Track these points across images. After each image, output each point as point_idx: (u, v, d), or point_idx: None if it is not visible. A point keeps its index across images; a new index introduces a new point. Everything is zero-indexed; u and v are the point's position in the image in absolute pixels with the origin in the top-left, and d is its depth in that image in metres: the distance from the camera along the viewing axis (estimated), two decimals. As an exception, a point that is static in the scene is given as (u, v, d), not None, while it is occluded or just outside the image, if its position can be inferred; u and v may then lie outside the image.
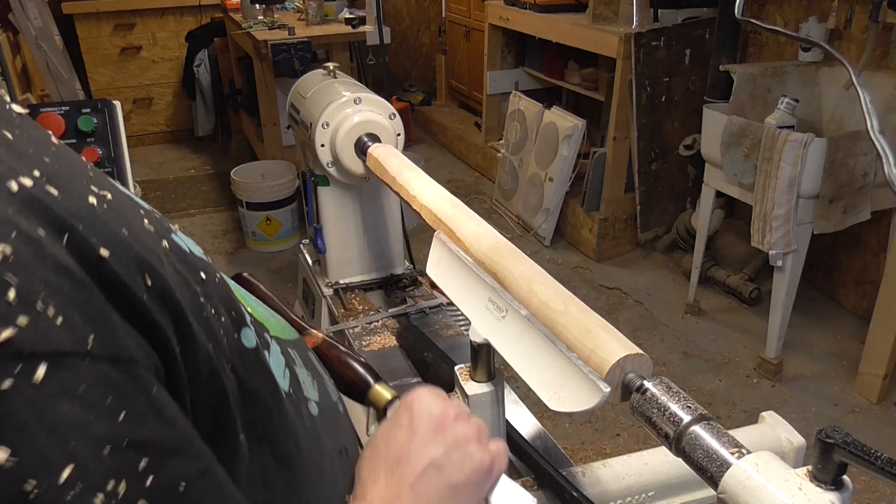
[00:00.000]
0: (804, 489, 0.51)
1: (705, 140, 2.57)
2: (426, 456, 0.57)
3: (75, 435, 0.35)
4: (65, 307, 0.36)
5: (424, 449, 0.57)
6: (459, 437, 0.59)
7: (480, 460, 0.59)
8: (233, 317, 0.50)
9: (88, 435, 0.35)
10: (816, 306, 2.86)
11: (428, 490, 0.55)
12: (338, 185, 1.61)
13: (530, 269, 0.82)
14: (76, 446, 0.35)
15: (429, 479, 0.56)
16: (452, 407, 0.62)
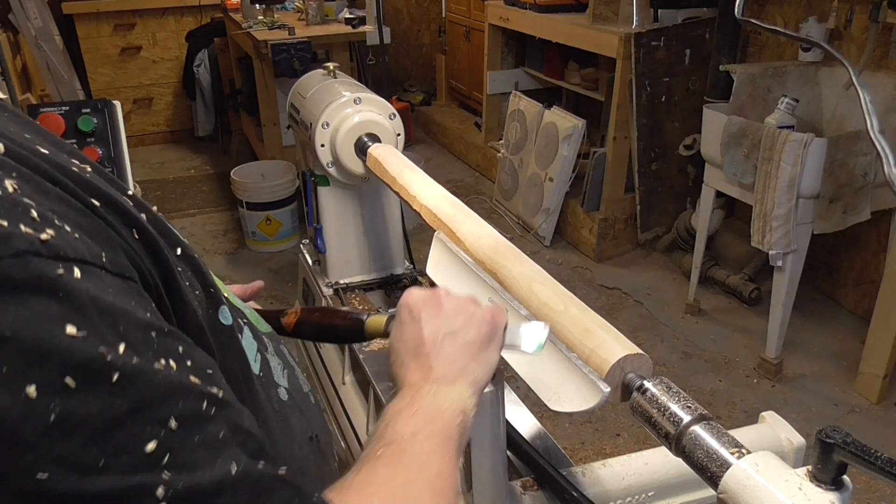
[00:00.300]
0: (804, 489, 0.51)
1: (705, 140, 2.57)
2: (437, 330, 0.65)
3: (123, 320, 0.40)
4: (76, 228, 0.40)
5: (433, 326, 0.66)
6: (457, 305, 0.68)
7: (482, 315, 0.68)
8: (210, 293, 0.53)
9: (134, 321, 0.41)
10: (816, 306, 2.86)
11: (450, 353, 0.64)
12: (338, 185, 1.61)
13: (530, 269, 0.82)
14: (126, 329, 0.40)
15: (447, 345, 0.65)
16: (441, 290, 0.70)
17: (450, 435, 0.59)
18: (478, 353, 0.66)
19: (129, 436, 0.38)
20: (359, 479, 0.54)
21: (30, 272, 0.36)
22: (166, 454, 0.39)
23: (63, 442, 0.36)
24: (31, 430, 0.35)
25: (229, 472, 0.42)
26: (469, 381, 0.64)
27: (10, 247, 0.36)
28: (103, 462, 0.37)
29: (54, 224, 0.39)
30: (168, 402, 0.40)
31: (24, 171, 0.40)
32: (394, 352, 0.67)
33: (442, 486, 0.55)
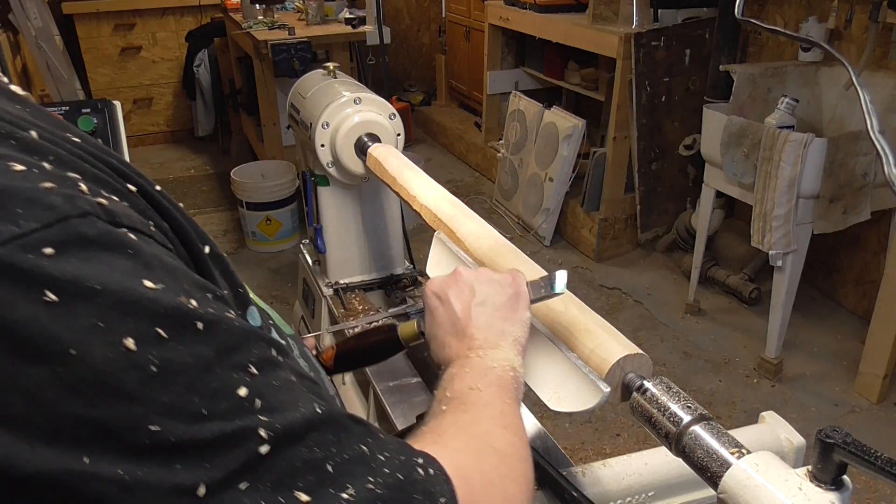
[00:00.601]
0: (804, 489, 0.51)
1: (705, 140, 2.57)
2: (467, 304, 0.69)
3: (185, 278, 0.41)
4: (122, 199, 0.41)
5: (462, 302, 0.69)
6: (478, 277, 0.71)
7: (502, 279, 0.71)
8: (238, 293, 0.53)
9: (193, 280, 0.42)
10: (816, 306, 2.86)
11: (486, 321, 0.68)
12: (338, 185, 1.61)
13: (530, 269, 0.82)
14: (189, 287, 0.40)
15: (480, 314, 0.68)
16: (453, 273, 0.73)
17: (505, 385, 0.62)
18: (510, 314, 0.69)
19: (222, 382, 0.39)
20: (429, 426, 0.57)
21: (100, 230, 0.37)
22: (256, 398, 0.40)
23: (167, 392, 0.37)
24: (136, 381, 0.36)
25: (315, 411, 0.43)
26: (510, 342, 0.67)
27: (76, 206, 0.37)
28: (206, 409, 0.38)
29: (103, 195, 0.39)
30: (244, 348, 0.41)
31: (61, 153, 0.41)
32: (432, 339, 0.70)
33: (508, 422, 0.58)
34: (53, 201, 0.36)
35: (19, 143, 0.39)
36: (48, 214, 0.35)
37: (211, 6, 4.74)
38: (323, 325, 1.72)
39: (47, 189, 0.36)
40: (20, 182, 0.36)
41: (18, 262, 0.34)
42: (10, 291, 0.34)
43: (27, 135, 0.40)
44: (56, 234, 0.35)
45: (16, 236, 0.34)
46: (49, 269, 0.34)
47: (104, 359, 0.35)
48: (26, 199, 0.35)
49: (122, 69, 4.88)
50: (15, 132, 0.39)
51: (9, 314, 0.33)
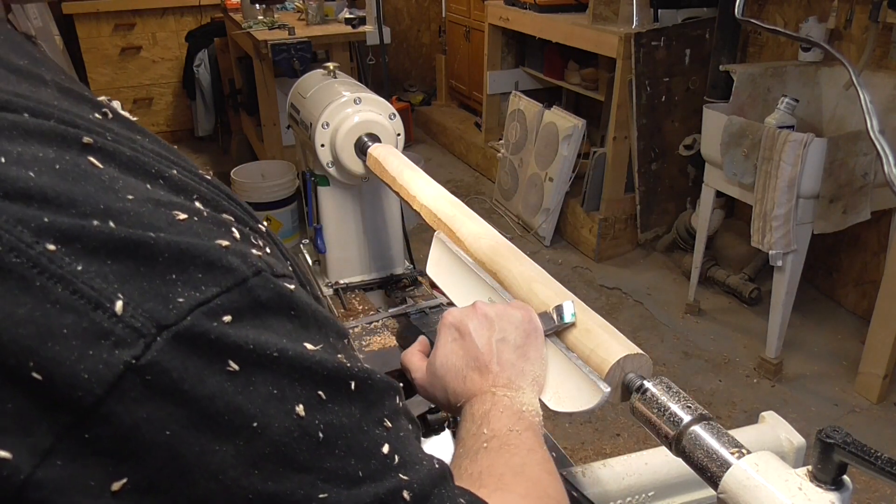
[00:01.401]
0: (804, 489, 0.51)
1: (705, 140, 2.57)
2: (489, 339, 0.67)
3: (332, 329, 0.40)
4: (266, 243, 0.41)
5: (484, 337, 0.67)
6: (497, 312, 0.70)
7: (520, 315, 0.70)
8: None
9: (336, 329, 0.41)
10: (816, 306, 2.86)
11: (508, 358, 0.67)
12: (338, 185, 1.61)
13: (530, 269, 0.82)
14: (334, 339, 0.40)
15: (503, 351, 0.67)
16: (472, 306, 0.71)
17: (538, 432, 0.62)
18: (530, 352, 0.68)
19: (371, 440, 0.39)
20: (480, 466, 0.56)
21: (271, 291, 0.36)
22: (395, 454, 0.40)
23: (331, 457, 0.36)
24: (307, 450, 0.35)
25: (433, 466, 0.43)
26: (530, 382, 0.67)
27: (251, 265, 0.36)
28: (361, 471, 0.38)
29: (252, 242, 0.38)
30: (381, 401, 0.41)
31: (203, 191, 0.39)
32: (450, 370, 0.67)
33: (550, 468, 0.59)
34: (232, 263, 0.35)
35: (168, 183, 0.38)
36: (227, 278, 0.34)
37: (211, 6, 4.73)
38: (323, 325, 1.72)
39: (224, 248, 0.35)
40: (194, 238, 0.34)
41: (206, 332, 0.33)
42: (200, 363, 0.32)
43: (172, 173, 0.39)
44: (235, 298, 0.34)
45: (200, 303, 0.33)
46: (233, 336, 0.33)
47: (282, 430, 0.34)
48: (206, 262, 0.34)
49: (122, 69, 4.88)
50: (163, 170, 0.38)
51: (199, 388, 0.32)
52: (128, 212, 0.33)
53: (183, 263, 0.33)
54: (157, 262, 0.33)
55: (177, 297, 0.32)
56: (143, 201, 0.34)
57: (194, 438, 0.32)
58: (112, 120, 0.41)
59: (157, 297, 0.32)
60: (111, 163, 0.36)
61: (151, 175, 0.37)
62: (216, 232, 0.36)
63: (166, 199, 0.36)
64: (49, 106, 0.36)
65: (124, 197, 0.34)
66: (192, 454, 0.32)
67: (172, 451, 0.32)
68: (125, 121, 0.43)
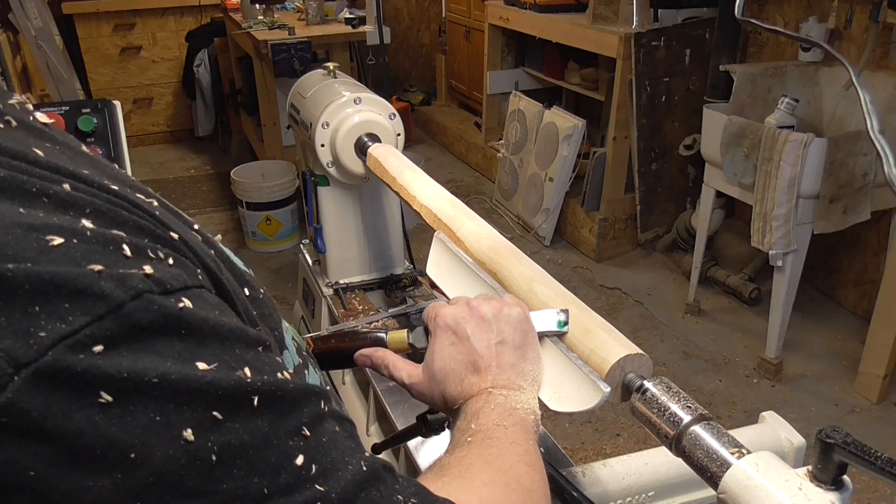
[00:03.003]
0: (804, 489, 0.51)
1: (705, 140, 2.57)
2: (488, 342, 0.65)
3: (238, 342, 0.39)
4: (168, 254, 0.39)
5: (482, 339, 0.65)
6: (493, 312, 0.67)
7: (517, 314, 0.68)
8: (276, 336, 0.51)
9: (245, 340, 0.39)
10: (816, 306, 2.86)
11: (508, 360, 0.65)
12: (338, 185, 1.61)
13: (530, 269, 0.82)
14: (241, 351, 0.39)
15: (503, 353, 0.65)
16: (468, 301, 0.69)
17: (528, 428, 0.62)
18: (528, 352, 0.67)
19: (280, 454, 0.38)
20: (454, 457, 0.56)
21: (154, 313, 0.35)
22: (311, 464, 0.39)
23: (229, 478, 0.35)
24: (198, 475, 0.34)
25: (361, 469, 0.42)
26: (530, 382, 0.66)
27: (129, 288, 0.34)
28: (267, 488, 0.37)
29: (149, 256, 0.37)
30: (297, 410, 0.40)
31: (98, 203, 0.38)
32: (449, 373, 0.66)
33: (532, 460, 0.58)
34: (104, 288, 0.33)
35: (52, 200, 0.36)
36: (99, 306, 0.33)
37: (211, 6, 4.74)
38: (323, 325, 1.72)
39: (95, 273, 0.33)
40: (64, 266, 0.33)
41: (70, 365, 0.31)
42: (64, 398, 0.31)
43: (60, 189, 0.37)
44: (108, 326, 0.33)
45: (64, 335, 0.31)
46: (103, 367, 0.32)
47: (165, 458, 0.33)
48: (74, 290, 0.32)
49: (122, 69, 4.88)
50: (47, 187, 0.36)
51: (65, 424, 0.31)
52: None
53: (46, 295, 0.32)
54: (17, 295, 0.31)
55: (38, 331, 0.31)
56: (9, 227, 0.33)
57: (64, 476, 0.31)
58: (12, 129, 0.39)
59: (16, 333, 0.31)
60: None
61: (31, 195, 0.35)
62: (97, 254, 0.34)
63: (41, 223, 0.34)
64: None
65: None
66: (62, 492, 0.31)
67: (39, 491, 0.31)
68: (30, 128, 0.41)
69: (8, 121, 0.40)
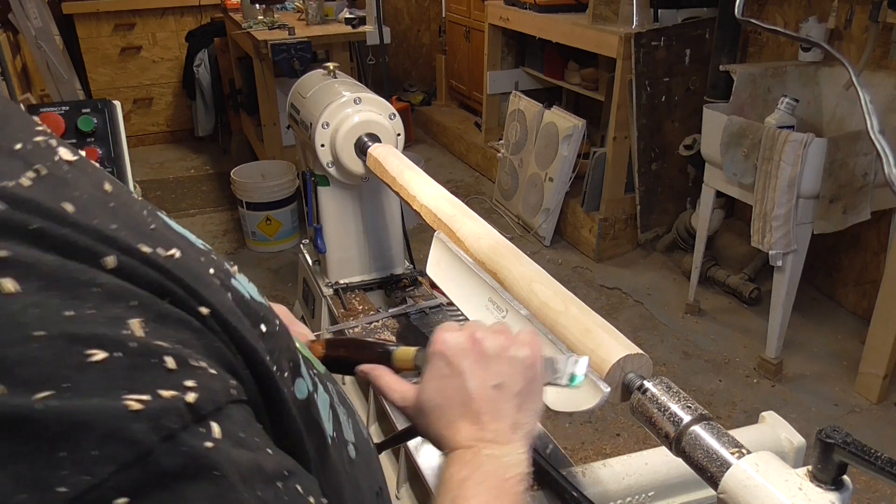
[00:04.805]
0: (804, 489, 0.51)
1: (705, 140, 2.57)
2: (485, 385, 0.59)
3: (259, 481, 0.36)
4: (204, 357, 0.35)
5: (479, 380, 0.60)
6: (497, 350, 0.61)
7: (524, 357, 0.61)
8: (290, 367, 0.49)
9: (265, 476, 0.36)
10: (816, 306, 2.86)
11: (501, 408, 0.59)
12: (338, 185, 1.61)
13: (530, 269, 0.82)
14: (263, 493, 0.35)
15: (498, 400, 0.59)
16: (475, 330, 0.63)
17: (518, 497, 0.57)
18: (526, 403, 0.61)
19: None
20: None
21: (183, 457, 0.32)
22: None
23: None
24: None
25: None
26: (522, 436, 0.60)
27: (161, 428, 0.31)
28: None
29: (190, 367, 0.34)
30: None
31: (142, 294, 0.34)
32: (435, 409, 0.61)
33: None
34: (135, 433, 0.30)
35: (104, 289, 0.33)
36: (126, 452, 0.30)
37: (211, 6, 4.74)
38: (323, 325, 1.72)
39: (133, 413, 0.30)
40: (100, 396, 0.30)
41: None
42: None
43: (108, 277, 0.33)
44: (134, 476, 0.30)
45: (86, 490, 0.28)
46: None
47: None
48: (104, 435, 0.29)
49: (122, 69, 4.88)
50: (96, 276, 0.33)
51: None
52: (27, 361, 0.29)
53: (75, 437, 0.29)
54: (44, 440, 0.28)
55: (58, 484, 0.28)
56: (53, 339, 0.30)
57: None
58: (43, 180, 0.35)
59: (35, 486, 0.28)
60: (30, 280, 0.31)
61: (81, 284, 0.32)
62: (138, 373, 0.32)
63: (87, 333, 0.31)
64: None
65: (29, 335, 0.29)
66: None
67: None
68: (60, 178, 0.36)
69: (38, 170, 0.35)
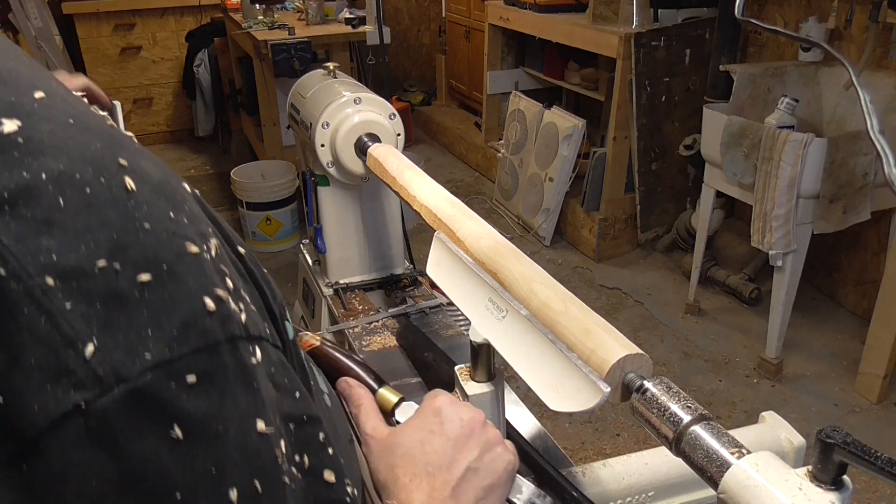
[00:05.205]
0: (804, 489, 0.51)
1: (705, 140, 2.57)
2: (464, 461, 0.61)
3: (277, 412, 0.39)
4: (249, 295, 0.39)
5: (461, 454, 0.61)
6: (489, 441, 0.64)
7: (508, 460, 0.64)
8: (282, 306, 0.52)
9: (283, 413, 0.39)
10: (816, 306, 2.86)
11: (468, 493, 0.60)
12: (338, 185, 1.61)
13: (530, 269, 0.82)
14: (282, 424, 0.39)
15: (468, 482, 0.60)
16: (477, 413, 0.66)
17: None
18: (486, 499, 0.62)
19: None
20: None
21: (237, 359, 0.35)
22: None
23: None
24: None
25: None
26: None
27: (227, 331, 0.35)
28: None
29: (242, 296, 0.37)
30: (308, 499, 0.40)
31: (209, 223, 0.39)
32: (405, 455, 0.62)
33: None
34: (208, 326, 0.34)
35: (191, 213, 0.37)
36: (200, 340, 0.34)
37: (211, 6, 4.74)
38: (323, 325, 1.72)
39: (209, 311, 0.34)
40: (186, 285, 0.34)
41: (159, 392, 0.32)
42: (142, 422, 0.32)
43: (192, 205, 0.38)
44: (202, 361, 0.33)
45: (165, 361, 0.32)
46: (185, 404, 0.33)
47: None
48: (185, 321, 0.33)
49: (122, 69, 4.88)
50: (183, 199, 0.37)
51: (135, 447, 0.31)
52: (139, 244, 0.33)
53: (162, 320, 0.33)
54: (140, 315, 0.32)
55: (145, 351, 0.32)
56: (158, 231, 0.34)
57: (114, 495, 0.31)
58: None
59: (128, 349, 0.32)
60: (144, 184, 0.35)
61: (178, 200, 0.37)
62: (214, 279, 0.35)
63: (182, 231, 0.35)
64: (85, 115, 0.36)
65: (141, 227, 0.34)
66: None
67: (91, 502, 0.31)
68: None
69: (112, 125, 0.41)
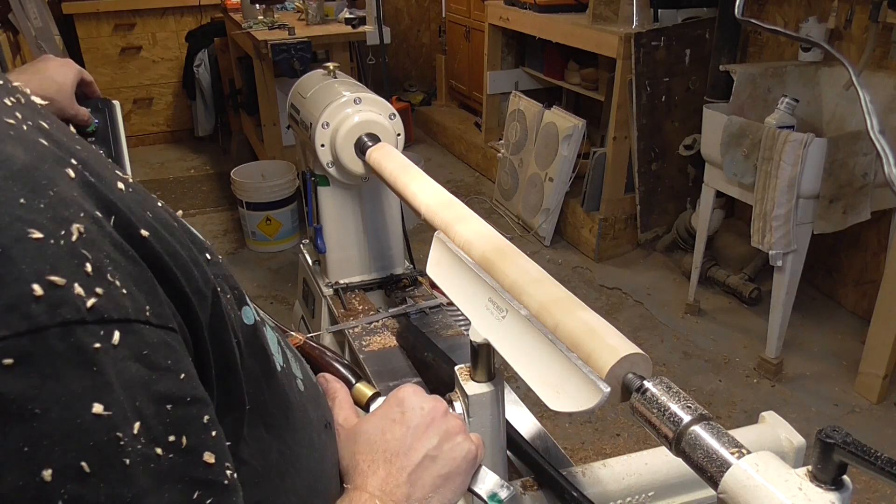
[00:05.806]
0: (804, 489, 0.51)
1: (705, 140, 2.57)
2: (422, 448, 0.63)
3: (143, 393, 0.38)
4: (125, 279, 0.39)
5: (419, 441, 0.63)
6: (450, 430, 0.66)
7: (468, 449, 0.66)
8: (235, 294, 0.53)
9: (155, 394, 0.39)
10: (816, 306, 2.86)
11: (423, 479, 0.62)
12: (338, 185, 1.61)
13: (530, 269, 0.82)
14: (141, 404, 0.38)
15: (424, 469, 0.62)
16: (440, 403, 0.68)
17: None
18: (443, 488, 0.63)
19: None
20: None
21: (70, 344, 0.35)
22: None
23: None
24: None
25: None
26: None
27: (57, 315, 0.35)
28: None
29: (105, 279, 0.37)
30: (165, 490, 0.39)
31: (90, 208, 0.39)
32: (366, 442, 0.64)
33: None
34: (33, 311, 0.34)
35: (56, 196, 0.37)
36: (21, 324, 0.33)
37: (211, 6, 4.74)
38: (323, 325, 1.72)
39: (36, 297, 0.34)
40: (19, 267, 0.34)
41: None
42: None
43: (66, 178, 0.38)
44: (23, 345, 0.33)
45: None
46: (2, 381, 0.33)
47: (13, 486, 0.33)
48: (8, 304, 0.33)
49: (122, 69, 4.88)
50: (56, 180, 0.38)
51: None
52: None
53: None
54: None
55: None
56: (2, 216, 0.34)
57: None
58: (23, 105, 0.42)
59: None
60: None
61: (41, 185, 0.37)
62: (58, 265, 0.35)
63: (29, 217, 0.35)
64: None
65: None
66: None
67: None
68: (33, 107, 0.44)
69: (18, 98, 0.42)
